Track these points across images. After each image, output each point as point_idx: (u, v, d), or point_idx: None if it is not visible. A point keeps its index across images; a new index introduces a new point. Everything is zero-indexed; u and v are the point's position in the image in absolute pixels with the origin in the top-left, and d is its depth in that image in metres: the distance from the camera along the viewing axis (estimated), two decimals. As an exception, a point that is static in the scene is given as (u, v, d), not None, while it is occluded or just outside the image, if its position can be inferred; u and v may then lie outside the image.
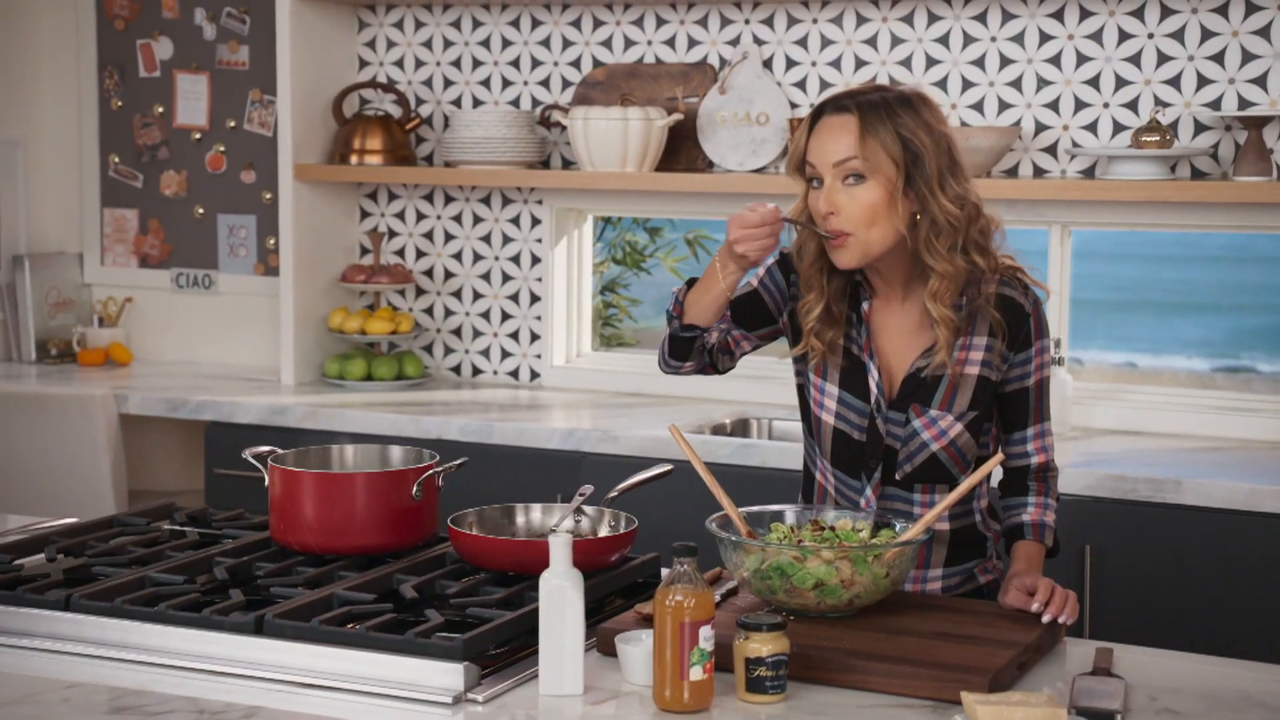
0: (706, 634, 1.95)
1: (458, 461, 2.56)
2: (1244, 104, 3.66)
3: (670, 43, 4.19)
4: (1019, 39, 3.84)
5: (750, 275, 2.45)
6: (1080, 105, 3.81)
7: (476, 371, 4.48)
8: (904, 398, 2.40)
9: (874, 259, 2.34)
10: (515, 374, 4.44)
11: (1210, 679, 2.11)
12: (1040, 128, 3.84)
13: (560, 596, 2.00)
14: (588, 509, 2.46)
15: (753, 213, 2.28)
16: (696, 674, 1.94)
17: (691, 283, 2.42)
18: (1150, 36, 3.74)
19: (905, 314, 2.41)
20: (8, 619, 2.21)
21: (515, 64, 4.35)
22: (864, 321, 2.41)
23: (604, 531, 2.44)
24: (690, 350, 2.43)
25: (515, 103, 4.36)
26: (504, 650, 2.10)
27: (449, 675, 1.99)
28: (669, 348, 2.45)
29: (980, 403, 2.39)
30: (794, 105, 4.05)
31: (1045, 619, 2.22)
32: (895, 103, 2.32)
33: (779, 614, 2.09)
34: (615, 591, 2.38)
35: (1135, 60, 3.75)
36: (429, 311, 4.51)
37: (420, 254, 4.51)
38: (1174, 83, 3.72)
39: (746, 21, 4.10)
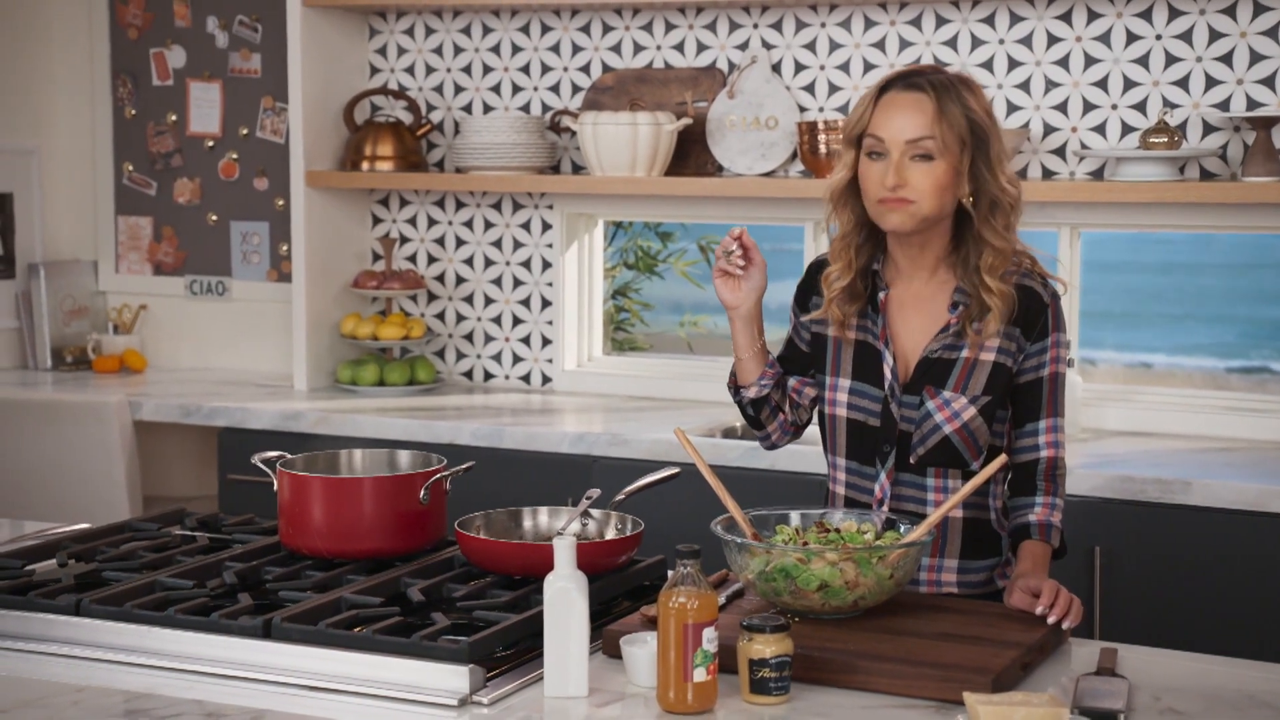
0: (710, 635, 1.96)
1: (464, 465, 2.58)
2: (1252, 104, 3.66)
3: (679, 47, 4.20)
4: (1027, 41, 3.85)
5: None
6: (1089, 107, 3.81)
7: (488, 376, 4.50)
8: (918, 380, 2.42)
9: (922, 228, 2.39)
10: (527, 378, 4.45)
11: (1214, 679, 2.12)
12: (1049, 129, 3.85)
13: (565, 599, 2.01)
14: (595, 512, 2.48)
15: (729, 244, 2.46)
16: (700, 675, 1.95)
17: None
18: (1158, 38, 3.74)
19: (923, 299, 2.45)
20: (19, 623, 2.23)
21: (525, 70, 4.37)
22: (880, 311, 2.44)
23: (610, 534, 2.45)
24: (756, 414, 2.56)
25: (525, 108, 4.37)
26: (510, 653, 2.12)
27: (455, 678, 2.01)
28: (745, 421, 2.60)
29: (995, 388, 2.41)
30: (803, 109, 4.06)
31: (1050, 620, 2.23)
32: (959, 84, 2.38)
33: (784, 615, 2.10)
34: (621, 594, 2.39)
35: (1143, 61, 3.75)
36: (441, 317, 4.53)
37: (432, 259, 4.53)
38: (1182, 84, 3.72)
39: (755, 26, 4.11)
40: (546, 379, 4.42)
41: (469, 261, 4.49)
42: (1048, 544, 2.44)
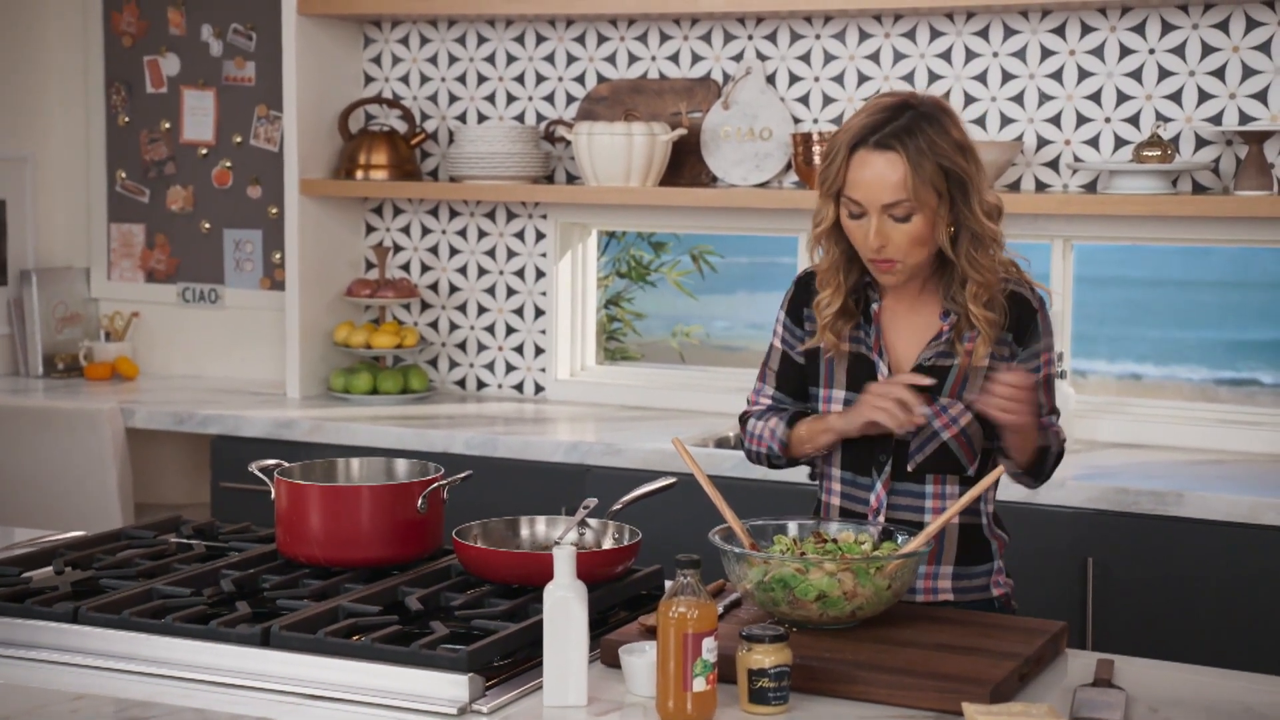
0: (709, 645, 1.96)
1: (462, 474, 2.58)
2: (1245, 119, 3.68)
3: (674, 58, 4.21)
4: (1021, 54, 3.86)
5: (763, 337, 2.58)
6: (1082, 120, 3.83)
7: (481, 385, 4.50)
8: (913, 389, 2.43)
9: (915, 274, 2.42)
10: (520, 387, 4.45)
11: (1211, 690, 2.12)
12: (1042, 142, 3.86)
13: (564, 608, 2.01)
14: (592, 521, 2.48)
15: (896, 390, 2.37)
16: (699, 685, 1.96)
17: (794, 419, 2.51)
18: (1151, 52, 3.75)
19: (915, 309, 2.48)
20: (16, 631, 2.23)
21: (520, 79, 4.38)
22: (874, 322, 2.45)
23: (608, 544, 2.46)
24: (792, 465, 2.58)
25: (520, 118, 4.38)
26: (509, 662, 2.12)
27: (454, 687, 2.01)
28: (769, 463, 2.59)
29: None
30: (797, 120, 4.07)
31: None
32: (929, 127, 2.35)
33: (782, 625, 2.10)
34: (619, 603, 2.39)
35: (1136, 75, 3.77)
36: (434, 325, 4.53)
37: (425, 268, 4.53)
38: (1175, 98, 3.74)
39: (750, 37, 4.12)
40: (539, 388, 4.43)
41: (462, 270, 4.49)
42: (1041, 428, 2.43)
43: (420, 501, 2.48)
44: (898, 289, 2.47)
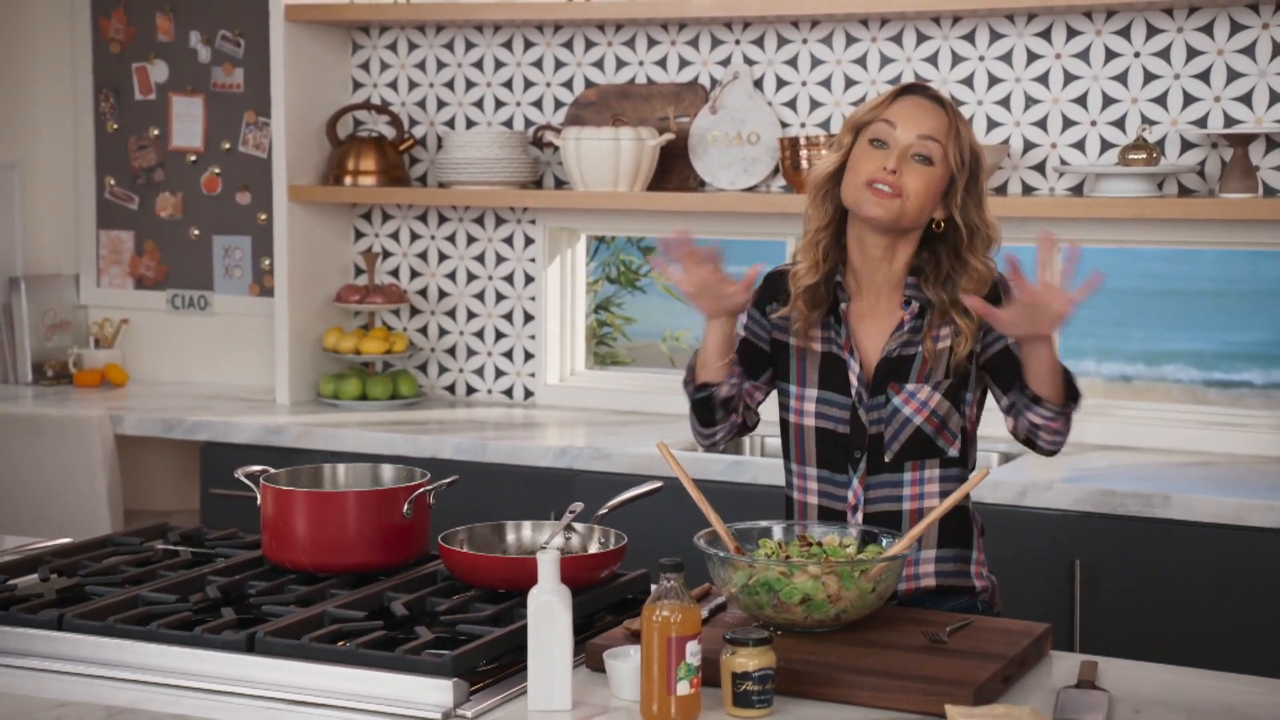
0: (693, 649, 1.97)
1: (448, 480, 2.58)
2: (1229, 121, 3.69)
3: (661, 63, 4.22)
4: (1007, 58, 3.87)
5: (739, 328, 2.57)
6: (1068, 123, 3.83)
7: (470, 390, 4.50)
8: (881, 381, 2.47)
9: (895, 228, 2.43)
10: (509, 393, 4.46)
11: (1194, 691, 2.13)
12: (1029, 146, 3.87)
13: (549, 613, 2.01)
14: (578, 526, 2.48)
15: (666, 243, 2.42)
16: (684, 689, 1.96)
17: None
18: (1136, 55, 3.76)
19: (882, 308, 2.50)
20: (1, 638, 2.22)
21: (508, 85, 4.38)
22: (843, 321, 2.47)
23: (593, 548, 2.46)
24: (713, 412, 2.53)
25: (508, 123, 4.39)
26: (493, 666, 2.12)
27: (439, 691, 2.01)
28: (695, 418, 2.57)
29: (955, 370, 2.45)
30: (784, 125, 4.08)
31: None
32: (963, 118, 2.48)
33: (766, 629, 2.10)
34: (604, 607, 2.39)
35: (1122, 79, 3.78)
36: (423, 331, 4.54)
37: (414, 274, 4.53)
38: (1160, 101, 3.75)
39: (737, 42, 4.13)
40: (529, 393, 4.43)
41: (451, 276, 4.49)
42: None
43: (405, 507, 2.48)
44: (867, 291, 2.47)
